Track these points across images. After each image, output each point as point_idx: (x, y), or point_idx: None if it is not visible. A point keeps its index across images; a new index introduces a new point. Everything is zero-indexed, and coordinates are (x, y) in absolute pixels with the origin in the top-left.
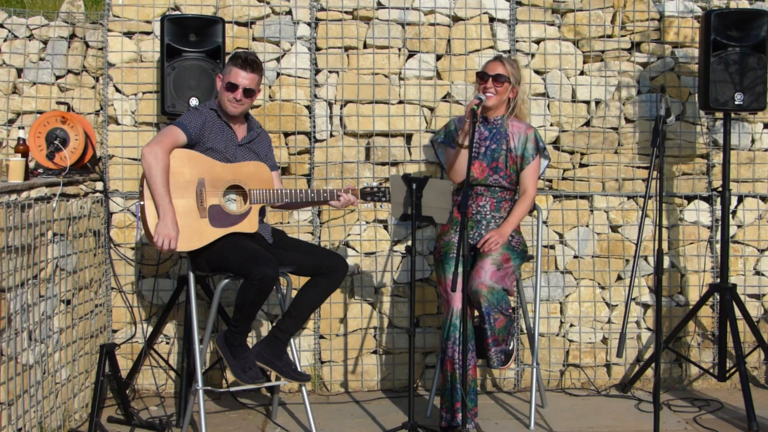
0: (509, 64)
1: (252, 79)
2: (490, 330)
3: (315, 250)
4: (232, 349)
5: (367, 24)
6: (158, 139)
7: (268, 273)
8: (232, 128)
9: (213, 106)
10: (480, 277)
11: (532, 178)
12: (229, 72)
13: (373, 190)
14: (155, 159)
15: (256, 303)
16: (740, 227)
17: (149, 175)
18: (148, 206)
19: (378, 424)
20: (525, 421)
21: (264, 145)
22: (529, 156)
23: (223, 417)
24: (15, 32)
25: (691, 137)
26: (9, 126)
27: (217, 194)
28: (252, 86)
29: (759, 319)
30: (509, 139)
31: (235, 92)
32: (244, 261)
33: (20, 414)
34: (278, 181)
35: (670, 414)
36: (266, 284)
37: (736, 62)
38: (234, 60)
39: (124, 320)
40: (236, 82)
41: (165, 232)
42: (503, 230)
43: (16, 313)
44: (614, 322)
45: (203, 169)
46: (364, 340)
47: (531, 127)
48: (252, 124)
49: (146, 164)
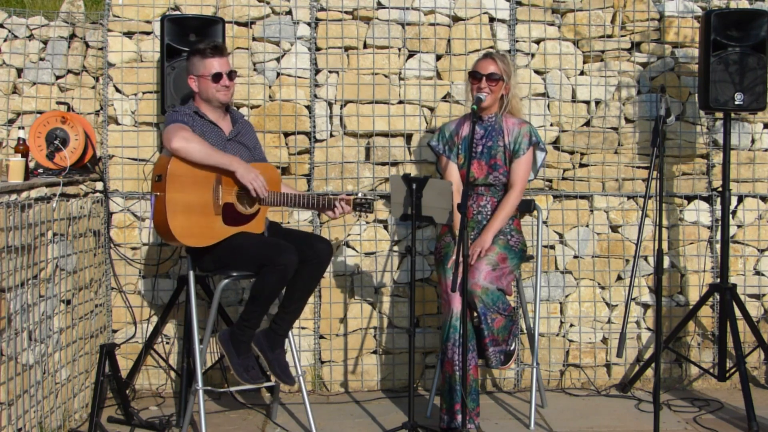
0: (501, 61)
1: (227, 62)
2: (487, 330)
3: (299, 236)
4: (237, 346)
5: (367, 24)
6: (175, 132)
7: (293, 259)
8: (217, 125)
9: (192, 108)
10: (474, 277)
11: (520, 171)
12: (202, 66)
13: (361, 201)
14: (194, 140)
15: (275, 291)
16: (740, 227)
17: (202, 154)
18: (169, 199)
19: (378, 424)
20: (525, 421)
21: (251, 135)
22: (520, 149)
23: (223, 417)
24: (15, 32)
25: (691, 137)
26: (9, 126)
27: (231, 192)
28: (230, 68)
29: (759, 319)
30: (504, 135)
31: (222, 80)
32: (266, 251)
33: (20, 414)
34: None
35: (670, 414)
36: (289, 271)
37: (736, 62)
38: (200, 53)
39: (124, 320)
40: (219, 70)
41: (252, 176)
42: (483, 239)
43: (16, 313)
44: (614, 322)
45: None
46: (364, 340)
47: (525, 122)
48: (234, 115)
49: (191, 149)
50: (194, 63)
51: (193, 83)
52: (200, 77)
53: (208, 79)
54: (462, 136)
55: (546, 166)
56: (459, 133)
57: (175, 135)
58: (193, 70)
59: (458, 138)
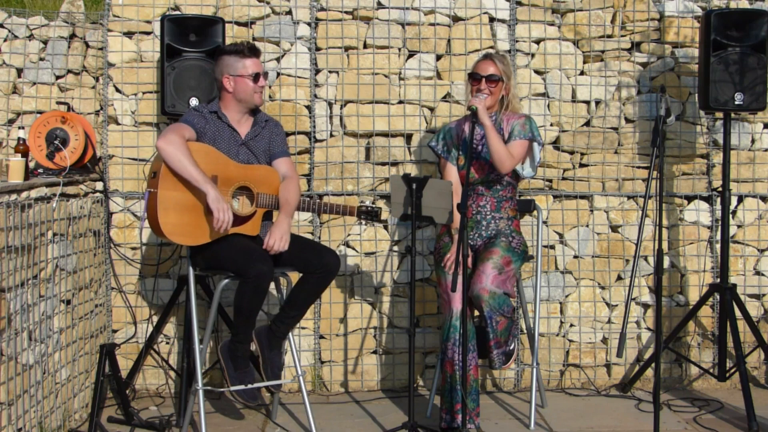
0: (500, 62)
1: (261, 63)
2: (492, 333)
3: (308, 245)
4: (234, 360)
5: (367, 24)
6: (168, 130)
7: (263, 269)
8: (234, 128)
9: (214, 108)
10: (482, 282)
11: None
12: (241, 65)
13: (368, 209)
14: (175, 145)
15: (252, 304)
16: (740, 227)
17: (177, 162)
18: (160, 196)
19: (378, 424)
20: (525, 421)
21: (264, 139)
22: (515, 135)
23: (223, 417)
24: (15, 32)
25: (691, 137)
26: (9, 126)
27: (227, 193)
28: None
29: (759, 319)
30: (503, 134)
31: (260, 80)
32: (239, 258)
33: (20, 414)
34: (291, 168)
35: (670, 414)
36: (261, 282)
37: (736, 62)
38: (238, 53)
39: (124, 320)
40: (258, 70)
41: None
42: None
43: (16, 313)
44: (614, 322)
45: (218, 166)
46: (364, 340)
47: (524, 116)
48: (258, 117)
49: (169, 153)
50: (229, 63)
51: (228, 83)
52: (238, 77)
53: (247, 79)
54: (462, 137)
55: (546, 166)
56: (459, 134)
57: (165, 134)
58: (229, 70)
59: (458, 139)
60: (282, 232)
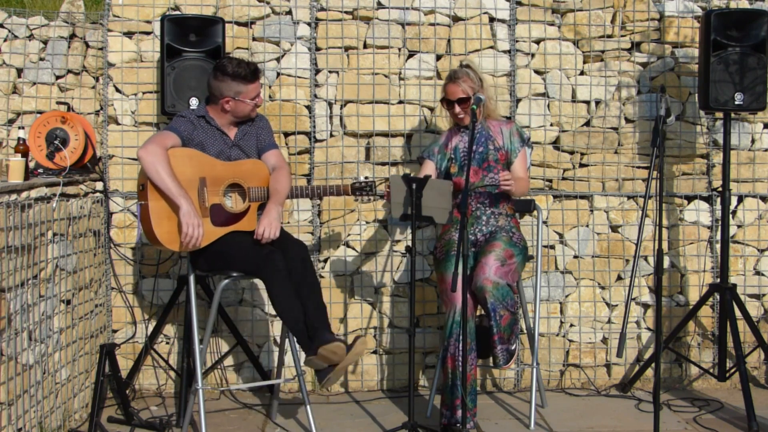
0: (464, 81)
1: (260, 83)
2: (496, 327)
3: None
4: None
5: (367, 24)
6: (151, 140)
7: (278, 265)
8: (224, 131)
9: (201, 112)
10: (484, 272)
11: (522, 167)
12: (245, 90)
13: (361, 185)
14: (154, 156)
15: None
16: (740, 227)
17: (153, 173)
18: (151, 207)
19: (378, 424)
20: (525, 421)
21: (252, 136)
22: (515, 149)
23: (223, 417)
24: (15, 32)
25: (691, 137)
26: (9, 126)
27: (218, 193)
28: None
29: (759, 319)
30: (495, 139)
31: (257, 99)
32: (251, 259)
33: (20, 414)
34: (280, 158)
35: (670, 414)
36: (278, 276)
37: (736, 62)
38: (243, 78)
39: (124, 320)
40: (258, 91)
41: (189, 221)
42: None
43: (16, 313)
44: (614, 322)
45: (204, 167)
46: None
47: (510, 122)
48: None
49: (147, 164)
50: (233, 86)
51: (228, 104)
52: (239, 101)
53: (247, 101)
54: (451, 147)
55: (546, 166)
56: (448, 145)
57: (146, 144)
58: (231, 94)
59: (448, 149)
60: (270, 220)
